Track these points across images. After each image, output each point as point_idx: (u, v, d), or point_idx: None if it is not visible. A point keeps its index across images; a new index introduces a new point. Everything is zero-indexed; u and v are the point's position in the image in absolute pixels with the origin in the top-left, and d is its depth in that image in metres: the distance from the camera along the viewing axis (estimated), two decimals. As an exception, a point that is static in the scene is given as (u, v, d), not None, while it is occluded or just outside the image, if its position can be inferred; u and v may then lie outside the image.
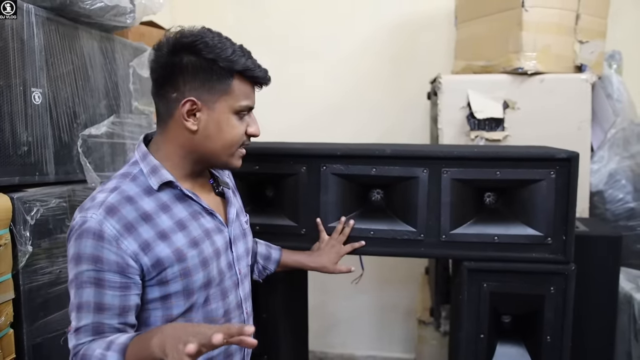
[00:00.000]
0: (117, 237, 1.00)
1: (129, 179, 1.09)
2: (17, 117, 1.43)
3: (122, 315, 1.02)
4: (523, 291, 1.57)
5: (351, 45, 3.02)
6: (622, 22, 2.62)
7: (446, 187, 1.55)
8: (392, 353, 3.13)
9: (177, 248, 1.06)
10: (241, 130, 1.13)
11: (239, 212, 1.26)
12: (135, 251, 1.01)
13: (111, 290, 1.00)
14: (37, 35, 1.49)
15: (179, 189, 1.10)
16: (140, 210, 1.05)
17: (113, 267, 1.00)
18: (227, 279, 1.16)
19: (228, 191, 1.23)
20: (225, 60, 1.06)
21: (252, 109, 1.15)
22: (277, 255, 1.53)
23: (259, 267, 1.51)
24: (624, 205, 2.28)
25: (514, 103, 2.23)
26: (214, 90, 1.07)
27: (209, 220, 1.14)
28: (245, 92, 1.11)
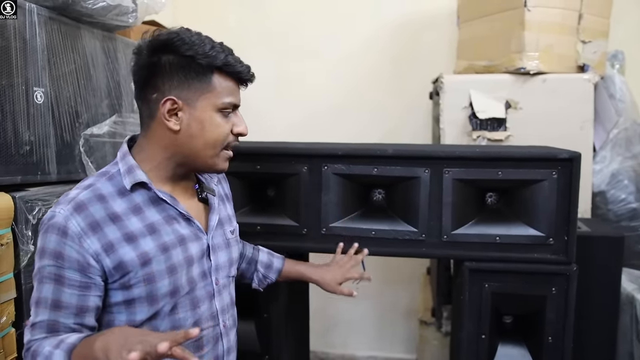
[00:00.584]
0: (81, 235, 0.98)
1: (106, 178, 1.07)
2: (19, 116, 1.43)
3: (78, 315, 0.99)
4: (524, 291, 1.57)
5: (353, 45, 3.02)
6: (625, 21, 2.61)
7: (448, 187, 1.54)
8: (394, 353, 3.13)
9: (142, 252, 1.02)
10: (226, 129, 1.08)
11: (224, 220, 1.20)
12: (97, 251, 0.99)
13: (70, 288, 0.98)
14: (39, 35, 1.49)
15: (153, 191, 1.07)
16: (109, 210, 1.02)
17: (74, 265, 0.98)
18: (199, 289, 1.10)
19: (213, 198, 1.18)
20: (203, 56, 1.03)
21: (236, 106, 1.11)
22: (279, 265, 1.50)
23: (259, 275, 1.48)
24: (626, 205, 2.27)
25: (516, 103, 2.22)
26: (194, 87, 1.04)
27: (184, 226, 1.09)
28: (228, 88, 1.07)
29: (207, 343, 1.11)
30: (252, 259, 1.49)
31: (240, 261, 1.46)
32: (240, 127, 1.10)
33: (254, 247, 1.51)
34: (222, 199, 1.24)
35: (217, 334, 1.13)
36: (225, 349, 1.15)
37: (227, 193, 1.31)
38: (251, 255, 1.49)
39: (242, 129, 1.10)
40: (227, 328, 1.17)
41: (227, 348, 1.16)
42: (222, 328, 1.15)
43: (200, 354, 1.09)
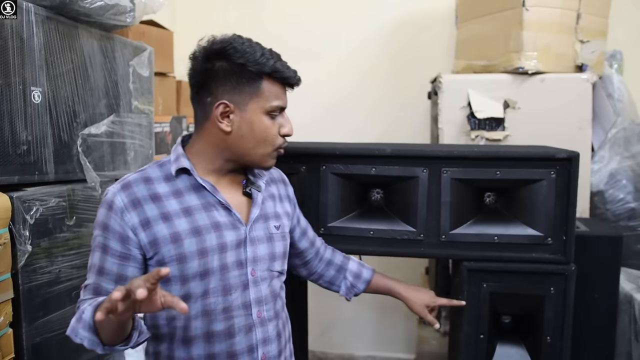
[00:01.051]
0: (123, 209, 1.10)
1: (157, 165, 1.19)
2: (16, 116, 1.43)
3: (118, 282, 1.10)
4: (523, 291, 1.57)
5: (351, 45, 3.02)
6: (623, 21, 2.62)
7: (446, 187, 1.54)
8: (392, 353, 3.13)
9: (175, 231, 1.10)
10: (273, 130, 1.16)
11: (269, 216, 1.25)
12: (135, 225, 1.09)
13: (112, 257, 1.10)
14: (36, 34, 1.48)
15: (194, 177, 1.15)
16: (152, 190, 1.13)
17: (116, 236, 1.10)
18: (232, 277, 1.14)
19: (257, 193, 1.23)
20: (254, 63, 1.12)
21: (283, 109, 1.19)
22: (368, 276, 1.52)
23: (347, 283, 1.51)
24: (624, 205, 2.27)
25: (515, 103, 2.22)
26: (245, 92, 1.13)
27: (222, 214, 1.16)
28: (275, 92, 1.15)
29: (238, 331, 1.15)
30: (341, 267, 1.51)
31: (328, 268, 1.51)
32: (286, 128, 1.18)
33: (344, 255, 1.53)
34: (274, 197, 1.30)
35: (250, 323, 1.16)
36: (259, 339, 1.17)
37: (284, 194, 1.35)
38: (340, 263, 1.51)
39: (287, 130, 1.18)
40: (263, 319, 1.18)
41: (263, 338, 1.18)
42: (256, 318, 1.17)
43: (232, 341, 1.14)
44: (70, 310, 1.64)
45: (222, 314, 1.13)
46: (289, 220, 1.33)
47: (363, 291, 1.52)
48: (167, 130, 2.44)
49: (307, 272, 1.51)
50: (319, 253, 1.49)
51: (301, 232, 1.43)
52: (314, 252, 1.47)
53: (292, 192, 1.41)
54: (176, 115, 2.56)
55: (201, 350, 1.13)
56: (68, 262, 1.62)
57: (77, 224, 1.66)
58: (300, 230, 1.42)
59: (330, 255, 1.51)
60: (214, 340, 1.13)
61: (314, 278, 1.53)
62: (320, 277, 1.51)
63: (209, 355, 1.13)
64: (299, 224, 1.43)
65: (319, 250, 1.49)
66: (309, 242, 1.46)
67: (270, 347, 1.20)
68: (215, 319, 1.13)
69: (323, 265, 1.50)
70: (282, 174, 1.40)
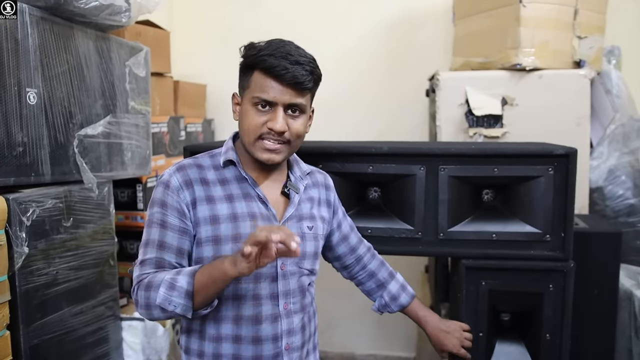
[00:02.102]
0: (179, 188, 1.19)
1: (209, 155, 1.28)
2: (11, 117, 1.42)
3: (178, 255, 1.18)
4: (522, 289, 1.56)
5: (348, 43, 3.01)
6: (621, 17, 2.61)
7: (443, 185, 1.54)
8: (393, 352, 3.13)
9: (215, 214, 1.19)
10: (258, 120, 1.18)
11: (304, 216, 1.28)
12: (188, 202, 1.19)
13: (172, 232, 1.18)
14: (31, 35, 1.48)
15: (238, 169, 1.24)
16: (202, 175, 1.22)
17: (174, 212, 1.18)
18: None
19: (295, 194, 1.28)
20: (246, 57, 1.20)
21: (272, 103, 1.18)
22: (405, 302, 1.51)
23: (382, 301, 1.51)
24: (623, 201, 2.27)
25: (513, 99, 2.21)
26: (244, 85, 1.22)
27: (259, 207, 1.22)
28: (262, 85, 1.17)
29: (265, 319, 1.20)
30: (382, 285, 1.51)
31: (369, 280, 1.51)
32: (271, 123, 1.18)
33: (390, 272, 1.52)
34: (312, 200, 1.33)
35: (276, 313, 1.21)
36: (284, 330, 1.22)
37: (323, 199, 1.37)
38: (382, 281, 1.51)
39: (272, 125, 1.18)
40: (289, 311, 1.23)
41: (287, 329, 1.22)
42: (282, 309, 1.22)
43: (258, 327, 1.20)
44: (67, 312, 1.64)
45: (252, 300, 1.20)
46: (324, 224, 1.35)
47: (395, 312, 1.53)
48: (165, 131, 2.43)
49: (347, 275, 1.53)
50: (362, 261, 1.49)
51: (341, 237, 1.44)
52: (354, 258, 1.48)
53: (335, 197, 1.42)
54: (174, 116, 2.56)
55: (229, 330, 1.20)
56: (65, 264, 1.62)
57: (74, 225, 1.65)
58: (340, 235, 1.44)
59: (375, 267, 1.50)
60: (242, 324, 1.19)
61: (355, 283, 1.54)
62: (360, 284, 1.53)
63: (236, 337, 1.20)
64: (340, 229, 1.43)
65: (361, 259, 1.49)
66: (349, 248, 1.46)
67: (295, 338, 1.24)
68: (245, 303, 1.19)
69: (365, 275, 1.51)
70: (328, 179, 1.42)
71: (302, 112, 1.22)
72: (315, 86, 1.25)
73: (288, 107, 1.19)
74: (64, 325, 1.63)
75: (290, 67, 1.16)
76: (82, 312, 1.71)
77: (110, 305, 1.88)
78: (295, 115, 1.20)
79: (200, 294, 1.09)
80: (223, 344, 1.20)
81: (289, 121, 1.19)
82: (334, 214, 1.41)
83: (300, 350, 1.26)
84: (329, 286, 3.05)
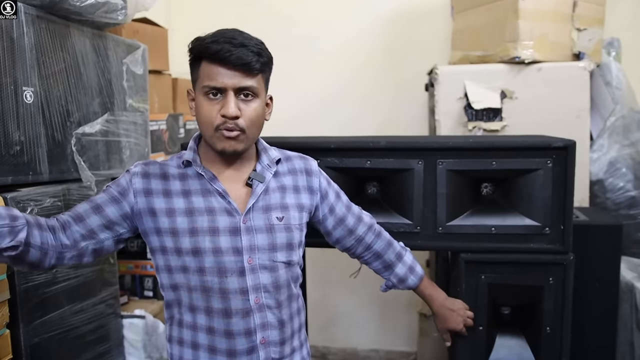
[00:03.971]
0: (134, 174, 1.23)
1: (177, 156, 1.30)
2: (8, 116, 1.42)
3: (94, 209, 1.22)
4: (521, 282, 1.56)
5: (347, 37, 3.00)
6: (620, 8, 2.59)
7: (442, 179, 1.53)
8: (394, 346, 3.13)
9: (171, 207, 1.21)
10: (211, 110, 1.17)
11: (273, 207, 1.26)
12: (137, 190, 1.22)
13: (105, 194, 1.23)
14: (27, 34, 1.48)
15: (195, 167, 1.24)
16: (163, 170, 1.25)
17: (119, 188, 1.23)
18: (228, 262, 1.19)
19: (258, 184, 1.25)
20: (191, 50, 1.20)
21: (221, 90, 1.16)
22: (413, 284, 1.50)
23: (389, 284, 1.51)
24: (624, 193, 2.26)
25: (512, 93, 2.21)
26: (194, 78, 1.22)
27: (218, 201, 1.22)
28: (209, 73, 1.16)
29: (235, 313, 1.20)
30: (388, 266, 1.49)
31: (376, 260, 1.49)
32: (223, 110, 1.16)
33: (397, 253, 1.49)
34: (285, 188, 1.30)
35: (247, 308, 1.20)
36: (257, 324, 1.21)
37: (302, 185, 1.33)
38: (389, 262, 1.48)
39: (224, 111, 1.16)
40: (262, 305, 1.21)
41: (261, 324, 1.21)
42: (254, 304, 1.20)
43: (229, 321, 1.20)
44: (68, 310, 1.65)
45: (219, 293, 1.19)
46: (303, 212, 1.31)
47: None
48: (164, 128, 2.43)
49: (351, 254, 1.50)
50: (363, 242, 1.45)
51: (336, 220, 1.40)
52: (353, 240, 1.44)
53: (321, 182, 1.36)
54: (172, 113, 2.55)
55: (203, 321, 1.21)
56: (65, 262, 1.62)
57: (73, 223, 1.65)
58: (335, 219, 1.40)
59: (381, 248, 1.47)
60: (213, 316, 1.20)
61: (363, 262, 1.52)
62: (368, 263, 1.51)
63: (209, 328, 1.21)
64: (333, 213, 1.39)
65: (362, 239, 1.45)
66: (347, 230, 1.42)
67: (270, 332, 1.22)
68: (212, 296, 1.20)
69: (370, 256, 1.48)
70: (311, 164, 1.37)
71: (255, 95, 1.19)
72: (266, 68, 1.21)
73: (239, 92, 1.17)
74: (64, 324, 1.63)
75: (234, 49, 1.14)
76: (82, 310, 1.72)
77: (111, 303, 1.89)
78: (247, 100, 1.18)
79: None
80: (199, 333, 1.22)
81: (242, 106, 1.17)
82: (322, 199, 1.36)
83: (279, 346, 1.24)
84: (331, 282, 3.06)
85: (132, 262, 2.23)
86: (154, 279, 2.23)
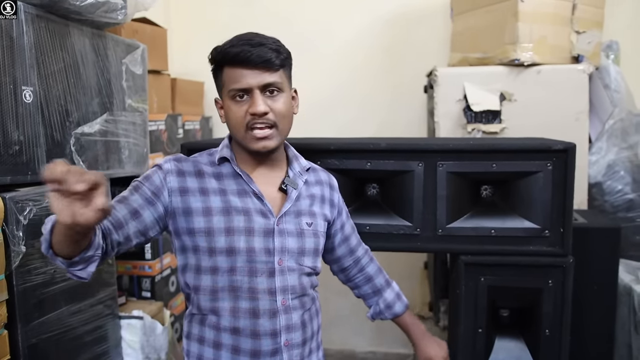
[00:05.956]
0: (169, 172, 1.21)
1: (207, 153, 1.30)
2: (7, 116, 1.42)
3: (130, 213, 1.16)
4: (521, 284, 1.56)
5: (346, 39, 3.00)
6: (619, 11, 2.60)
7: (442, 181, 1.53)
8: (392, 349, 3.13)
9: (208, 206, 1.20)
10: (240, 112, 1.19)
11: (303, 212, 1.28)
12: (172, 188, 1.20)
13: (139, 195, 1.18)
14: (26, 33, 1.47)
15: (233, 165, 1.25)
16: (197, 168, 1.24)
17: (152, 186, 1.19)
18: (259, 262, 1.20)
19: (292, 190, 1.27)
20: (212, 60, 1.22)
21: (247, 90, 1.18)
22: (399, 311, 1.50)
23: (376, 309, 1.51)
24: (622, 196, 2.26)
25: (511, 95, 2.21)
26: (219, 86, 1.24)
27: (254, 202, 1.23)
28: (233, 77, 1.18)
29: (262, 313, 1.20)
30: (378, 291, 1.50)
31: (366, 285, 1.50)
32: (252, 107, 1.18)
33: (386, 279, 1.51)
34: (313, 197, 1.33)
35: (274, 309, 1.21)
36: (283, 325, 1.21)
37: (327, 197, 1.37)
38: (379, 287, 1.50)
39: (252, 109, 1.18)
40: (288, 307, 1.22)
41: (286, 325, 1.22)
42: (281, 305, 1.21)
43: (256, 321, 1.19)
44: (66, 311, 1.64)
45: (248, 293, 1.19)
46: (325, 222, 1.34)
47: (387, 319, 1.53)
48: (163, 129, 2.43)
49: (344, 278, 1.52)
50: (360, 264, 1.48)
51: (343, 238, 1.43)
52: (352, 260, 1.47)
53: (339, 198, 1.41)
54: (171, 113, 2.55)
55: (227, 322, 1.20)
56: (63, 263, 1.61)
57: (71, 223, 1.65)
58: (342, 236, 1.43)
59: (373, 272, 1.50)
60: (239, 316, 1.19)
61: (350, 286, 1.54)
62: (356, 287, 1.52)
63: (234, 329, 1.20)
64: (342, 230, 1.43)
65: (359, 261, 1.48)
66: (349, 249, 1.45)
67: (294, 334, 1.23)
68: (241, 296, 1.19)
69: (362, 278, 1.50)
70: (332, 179, 1.41)
71: (280, 90, 1.21)
72: (286, 63, 1.24)
73: (264, 89, 1.18)
74: (62, 324, 1.63)
75: (252, 49, 1.16)
76: (80, 311, 1.71)
77: (109, 303, 1.88)
78: (273, 96, 1.20)
79: (55, 232, 1.03)
80: (222, 333, 1.20)
81: (269, 102, 1.18)
82: (338, 215, 1.40)
83: (301, 347, 1.25)
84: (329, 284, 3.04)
85: (130, 263, 2.23)
86: (152, 280, 2.22)
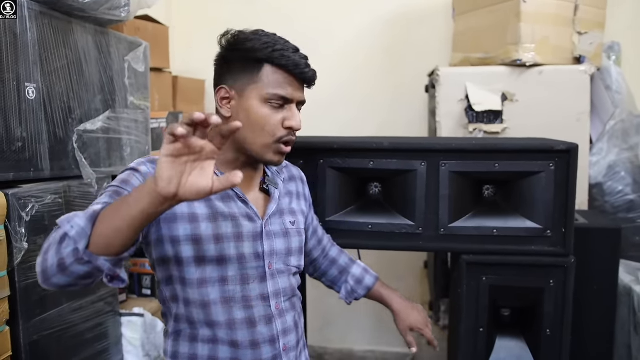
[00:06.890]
0: (147, 174, 1.08)
1: None
2: (10, 112, 1.42)
3: None
4: (522, 284, 1.56)
5: (347, 38, 3.00)
6: (621, 12, 2.60)
7: (444, 180, 1.53)
8: (391, 348, 3.13)
9: (194, 212, 1.11)
10: (273, 119, 1.13)
11: (285, 211, 1.26)
12: None
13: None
14: (30, 30, 1.47)
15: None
16: None
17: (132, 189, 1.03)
18: (250, 268, 1.16)
19: (275, 190, 1.24)
20: (252, 50, 1.12)
21: (289, 100, 1.15)
22: (370, 283, 1.50)
23: (347, 287, 1.49)
24: (623, 197, 2.27)
25: (513, 95, 2.21)
26: (245, 78, 1.13)
27: (239, 206, 1.17)
28: (277, 81, 1.13)
29: (259, 321, 1.15)
30: (344, 269, 1.50)
31: (332, 267, 1.50)
32: (289, 121, 1.14)
33: (350, 258, 1.52)
34: (291, 194, 1.31)
35: (270, 314, 1.17)
36: (280, 330, 1.18)
37: (301, 192, 1.35)
38: (344, 266, 1.50)
39: (291, 123, 1.14)
40: (282, 311, 1.19)
41: (283, 329, 1.19)
42: (275, 310, 1.18)
43: (254, 330, 1.14)
44: (67, 308, 1.64)
45: (242, 302, 1.14)
46: (304, 218, 1.34)
47: (363, 297, 1.51)
48: (164, 126, 2.43)
49: (312, 269, 1.51)
50: (325, 250, 1.49)
51: (313, 230, 1.44)
52: (320, 249, 1.48)
53: (308, 191, 1.41)
54: (173, 111, 2.55)
55: (225, 335, 1.13)
56: (65, 259, 1.61)
57: (73, 220, 1.65)
58: (312, 229, 1.43)
59: (335, 254, 1.51)
60: (236, 328, 1.13)
61: (318, 275, 1.53)
62: (323, 274, 1.51)
63: (233, 342, 1.13)
64: (312, 223, 1.43)
65: (325, 248, 1.49)
66: (317, 240, 1.46)
67: (290, 337, 1.21)
68: (235, 306, 1.14)
69: (327, 263, 1.50)
70: (302, 173, 1.40)
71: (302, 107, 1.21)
72: None
73: (298, 105, 1.18)
74: (63, 321, 1.63)
75: (308, 69, 1.16)
76: (81, 308, 1.71)
77: (110, 301, 1.88)
78: (299, 112, 1.19)
79: (104, 222, 0.90)
80: (220, 346, 1.13)
81: None
82: (310, 208, 1.40)
83: (295, 349, 1.23)
84: (328, 282, 3.06)
85: (130, 260, 2.23)
86: (152, 278, 2.22)
